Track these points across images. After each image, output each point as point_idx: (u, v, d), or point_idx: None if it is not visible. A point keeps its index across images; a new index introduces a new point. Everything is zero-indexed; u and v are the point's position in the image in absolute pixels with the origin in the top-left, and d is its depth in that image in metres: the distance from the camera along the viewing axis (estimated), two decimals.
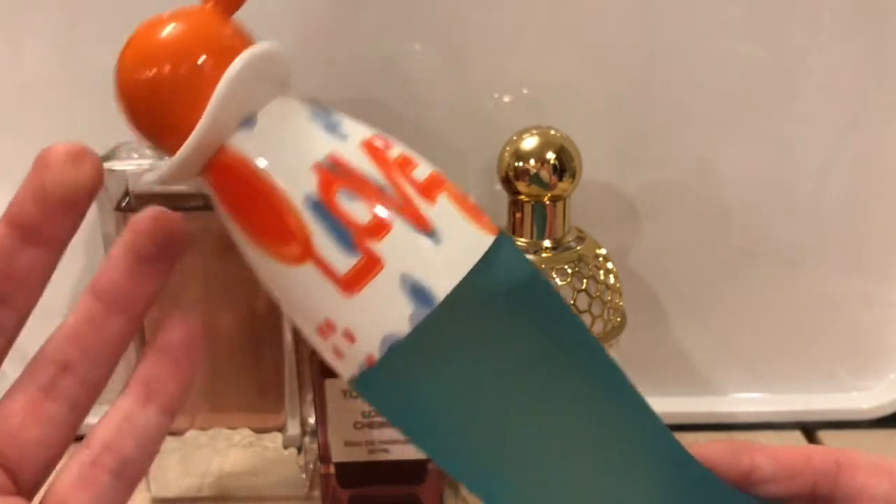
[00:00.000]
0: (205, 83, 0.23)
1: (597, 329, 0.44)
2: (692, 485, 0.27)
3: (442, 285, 0.23)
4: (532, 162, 0.43)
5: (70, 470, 0.25)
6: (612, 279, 0.45)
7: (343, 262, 0.23)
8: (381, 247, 0.23)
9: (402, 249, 0.23)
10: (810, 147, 0.52)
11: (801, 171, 0.52)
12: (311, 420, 0.50)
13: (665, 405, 0.56)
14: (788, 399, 0.57)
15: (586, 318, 0.44)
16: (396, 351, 0.23)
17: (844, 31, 0.50)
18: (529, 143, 0.44)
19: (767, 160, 0.52)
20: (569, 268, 0.44)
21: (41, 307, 0.26)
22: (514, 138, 0.44)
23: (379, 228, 0.23)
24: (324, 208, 0.23)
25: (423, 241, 0.23)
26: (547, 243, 0.45)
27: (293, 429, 0.50)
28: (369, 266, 0.23)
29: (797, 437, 0.56)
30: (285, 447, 0.51)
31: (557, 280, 0.43)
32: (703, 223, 0.54)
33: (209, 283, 0.46)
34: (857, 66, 0.50)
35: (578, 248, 0.45)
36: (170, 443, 0.50)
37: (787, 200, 0.53)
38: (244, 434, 0.51)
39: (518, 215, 0.45)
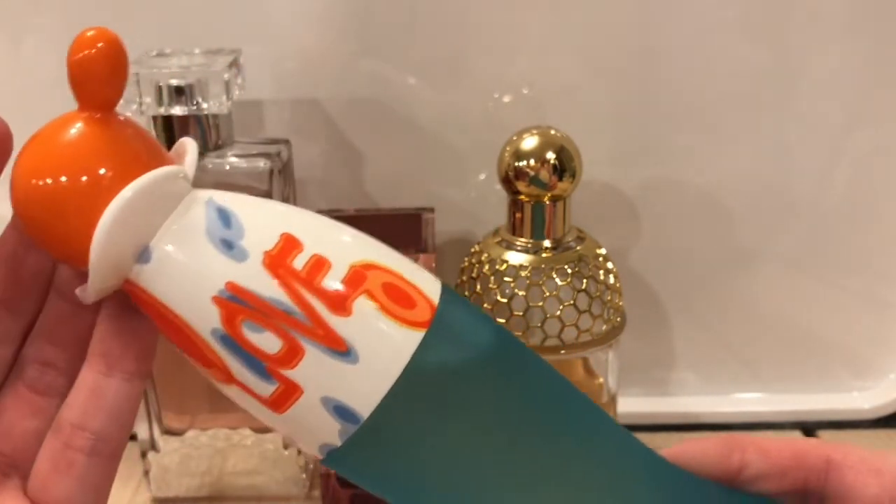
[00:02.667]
0: (102, 199, 0.22)
1: (597, 329, 0.44)
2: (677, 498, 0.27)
3: (364, 404, 0.22)
4: (532, 162, 0.43)
5: (44, 457, 0.25)
6: (612, 279, 0.45)
7: (264, 387, 0.23)
8: (295, 374, 0.22)
9: (317, 374, 0.22)
10: (810, 147, 0.52)
11: (801, 171, 0.52)
12: None
13: (665, 405, 0.57)
14: (788, 399, 0.57)
15: (586, 318, 0.44)
16: (335, 455, 0.23)
17: (844, 32, 0.50)
18: (529, 143, 0.44)
19: (767, 160, 0.52)
20: (569, 268, 0.44)
21: None
22: (514, 138, 0.44)
23: (290, 357, 0.22)
24: (232, 341, 0.22)
25: (338, 364, 0.22)
26: (547, 243, 0.45)
27: None
28: (289, 392, 0.23)
29: (797, 437, 0.56)
30: (285, 447, 0.51)
31: (557, 280, 0.43)
32: (703, 223, 0.54)
33: None
34: (857, 66, 0.50)
35: (578, 248, 0.45)
36: (170, 443, 0.50)
37: (787, 200, 0.53)
38: (244, 434, 0.51)
39: (518, 215, 0.45)
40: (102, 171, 0.22)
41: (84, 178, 0.22)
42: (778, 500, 0.27)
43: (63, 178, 0.22)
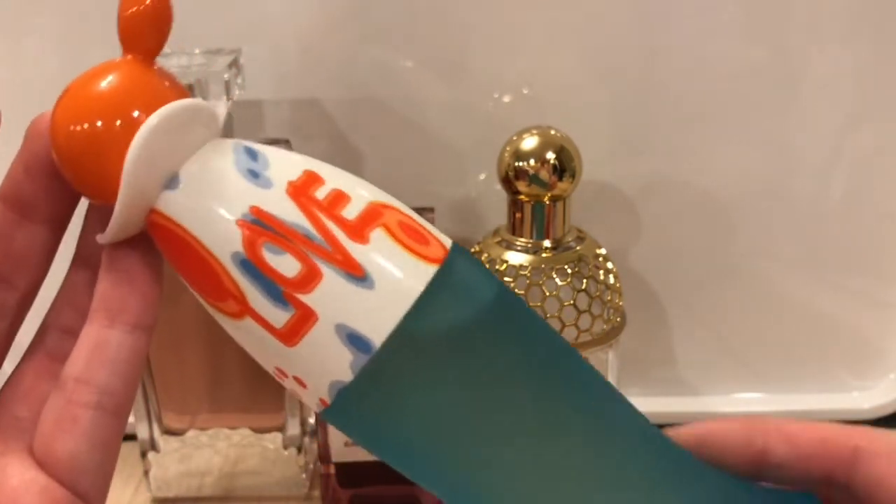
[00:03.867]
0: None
1: (597, 329, 0.44)
2: (685, 478, 0.26)
3: (378, 331, 0.23)
4: (532, 162, 0.43)
5: (48, 416, 0.24)
6: (612, 279, 0.45)
7: (278, 316, 0.23)
8: (311, 298, 0.23)
9: (333, 299, 0.23)
10: (810, 147, 0.52)
11: (801, 171, 0.52)
12: (311, 420, 0.50)
13: (665, 405, 0.57)
14: (788, 399, 0.57)
15: (586, 318, 0.44)
16: (345, 394, 0.23)
17: (844, 32, 0.50)
18: (529, 143, 0.44)
19: (767, 160, 0.52)
20: (569, 268, 0.44)
21: (40, 297, 0.26)
22: (514, 138, 0.44)
23: (307, 280, 0.23)
24: (251, 265, 0.23)
25: (355, 288, 0.23)
26: (547, 243, 0.45)
27: (293, 429, 0.50)
28: (303, 319, 0.23)
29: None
30: (285, 447, 0.51)
31: (557, 280, 0.43)
32: (703, 223, 0.54)
33: None
34: (857, 66, 0.50)
35: (578, 248, 0.45)
36: (170, 443, 0.50)
37: (787, 200, 0.53)
38: (244, 434, 0.51)
39: (518, 215, 0.45)
40: (136, 113, 0.23)
41: (118, 122, 0.23)
42: (789, 493, 0.26)
43: (98, 123, 0.23)
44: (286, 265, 0.23)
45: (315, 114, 0.52)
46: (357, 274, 0.23)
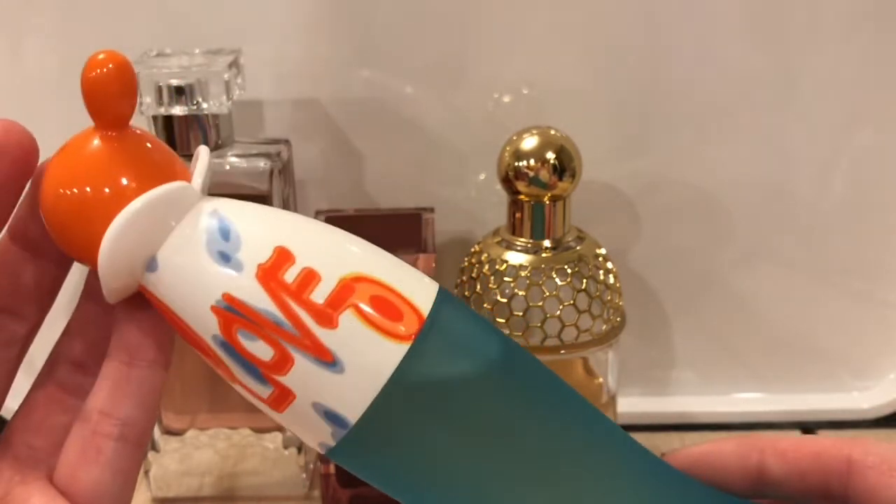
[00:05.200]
0: (119, 208, 0.23)
1: (597, 329, 0.44)
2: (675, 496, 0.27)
3: (352, 410, 0.24)
4: (532, 162, 0.43)
5: (72, 446, 0.25)
6: (612, 279, 0.45)
7: (262, 390, 0.24)
8: (287, 380, 0.24)
9: (306, 382, 0.24)
10: (810, 147, 0.52)
11: (801, 171, 0.52)
12: None
13: (665, 405, 0.57)
14: (788, 399, 0.57)
15: (586, 318, 0.44)
16: (333, 452, 0.25)
17: (844, 32, 0.50)
18: (529, 143, 0.44)
19: (767, 160, 0.52)
20: (569, 268, 0.44)
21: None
22: (514, 138, 0.44)
23: (281, 365, 0.24)
24: (230, 347, 0.24)
25: (325, 373, 0.23)
26: (547, 243, 0.45)
27: None
28: (283, 396, 0.24)
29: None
30: (285, 447, 0.51)
31: (557, 280, 0.43)
32: (703, 223, 0.54)
33: None
34: (857, 66, 0.50)
35: (578, 248, 0.45)
36: (170, 443, 0.50)
37: (787, 200, 0.53)
38: (244, 434, 0.51)
39: (518, 215, 0.45)
40: (124, 181, 0.24)
41: (107, 190, 0.24)
42: None
43: (88, 189, 0.23)
44: (260, 350, 0.24)
45: (315, 114, 0.52)
46: (326, 359, 0.23)
